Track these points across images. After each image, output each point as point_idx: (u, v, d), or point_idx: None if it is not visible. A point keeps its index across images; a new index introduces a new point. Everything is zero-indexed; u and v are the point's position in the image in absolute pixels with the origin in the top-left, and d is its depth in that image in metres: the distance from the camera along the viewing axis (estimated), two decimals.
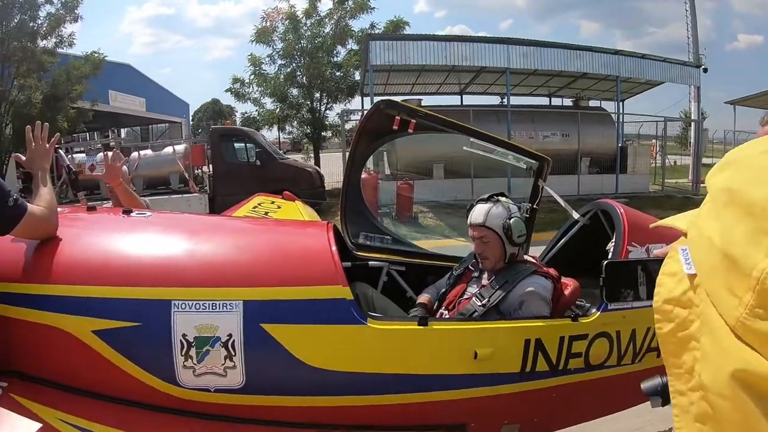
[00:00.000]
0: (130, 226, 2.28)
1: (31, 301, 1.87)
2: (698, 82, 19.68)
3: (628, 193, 17.23)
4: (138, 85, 26.92)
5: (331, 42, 20.44)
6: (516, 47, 16.34)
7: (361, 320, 2.01)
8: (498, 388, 2.22)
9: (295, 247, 2.33)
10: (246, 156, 15.18)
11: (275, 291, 1.96)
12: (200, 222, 2.76)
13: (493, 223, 2.59)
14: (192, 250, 2.11)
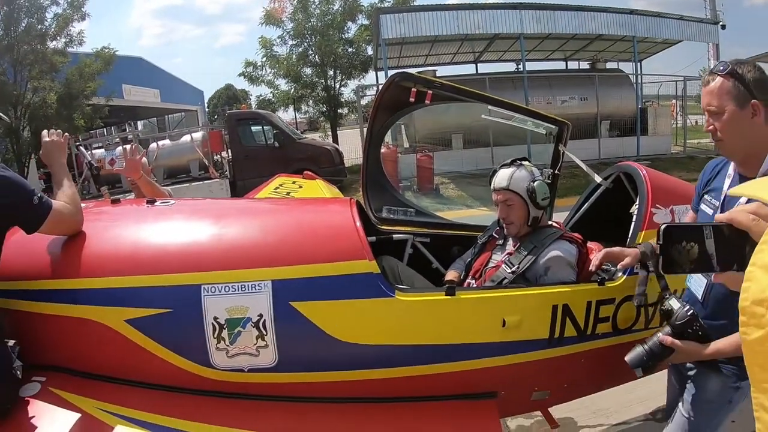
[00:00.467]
0: (155, 215, 2.32)
1: (63, 296, 1.92)
2: (717, 39, 19.10)
3: (650, 155, 16.94)
4: (151, 77, 27.06)
5: (341, 19, 20.26)
6: (529, 12, 16.00)
7: (389, 293, 2.02)
8: (527, 355, 2.22)
9: (319, 225, 2.34)
10: (264, 138, 15.26)
11: (302, 269, 1.97)
12: (223, 206, 2.80)
13: (517, 186, 2.57)
14: (218, 234, 2.13)
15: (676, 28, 18.38)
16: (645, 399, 3.50)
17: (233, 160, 15.08)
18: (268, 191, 4.25)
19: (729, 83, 1.76)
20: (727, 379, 1.91)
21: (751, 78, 1.75)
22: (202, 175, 14.68)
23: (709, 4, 20.28)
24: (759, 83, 1.75)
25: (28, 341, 1.87)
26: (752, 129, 1.77)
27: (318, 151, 15.71)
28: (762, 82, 1.76)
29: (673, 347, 1.88)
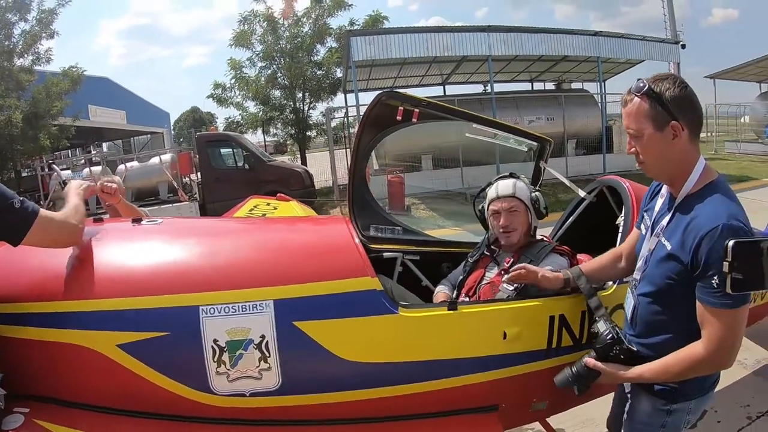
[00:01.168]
0: (144, 234, 2.23)
1: (49, 319, 1.82)
2: (678, 59, 19.81)
3: (616, 172, 17.25)
4: (117, 98, 26.68)
5: (310, 41, 20.33)
6: (496, 34, 16.32)
7: (393, 309, 2.00)
8: (527, 366, 2.23)
9: (319, 243, 2.31)
10: (234, 161, 15.18)
11: (305, 288, 1.93)
12: (215, 225, 2.72)
13: (522, 194, 2.66)
14: (214, 253, 2.08)
15: (639, 49, 18.96)
16: None
17: (203, 183, 14.92)
18: (243, 213, 4.20)
19: (646, 104, 1.69)
20: (656, 401, 1.90)
21: (669, 97, 1.66)
22: (171, 198, 14.43)
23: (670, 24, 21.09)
24: (679, 102, 1.66)
25: (10, 369, 1.77)
26: (674, 150, 1.71)
27: (288, 174, 15.67)
28: (682, 100, 1.67)
29: (597, 369, 1.90)
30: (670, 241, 1.73)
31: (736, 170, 18.13)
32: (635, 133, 1.74)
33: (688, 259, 1.64)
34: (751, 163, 20.34)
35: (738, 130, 27.61)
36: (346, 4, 20.35)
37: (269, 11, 20.39)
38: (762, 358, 4.40)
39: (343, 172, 16.72)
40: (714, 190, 1.70)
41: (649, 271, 1.84)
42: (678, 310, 1.76)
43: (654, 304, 1.84)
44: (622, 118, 1.80)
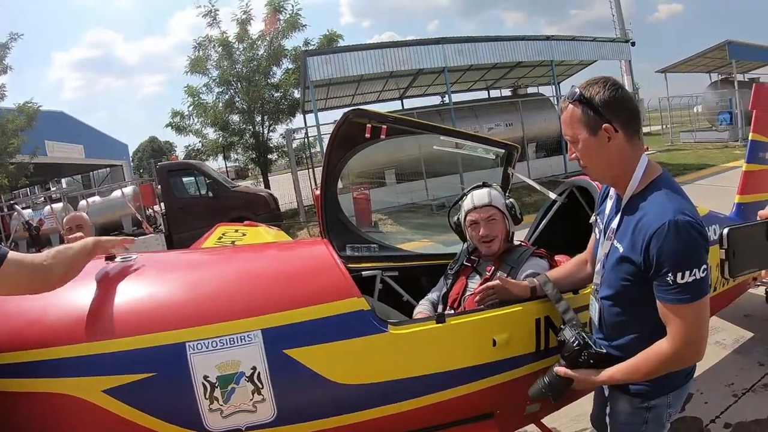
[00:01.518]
0: (120, 271, 2.13)
1: (28, 369, 1.72)
2: (629, 56, 20.52)
3: (577, 172, 17.55)
4: (74, 132, 25.95)
5: (266, 64, 20.24)
6: (451, 45, 16.55)
7: (382, 328, 1.99)
8: (518, 371, 2.25)
9: (301, 267, 2.27)
10: (197, 189, 14.98)
11: (292, 314, 1.89)
12: (194, 256, 2.65)
13: (498, 202, 2.72)
14: (196, 286, 2.03)
15: (591, 50, 19.53)
16: None
17: (167, 214, 14.67)
18: (212, 242, 4.13)
19: (578, 110, 1.72)
20: (633, 400, 1.91)
21: (599, 100, 1.69)
22: (136, 231, 14.12)
23: (618, 23, 21.78)
24: (609, 104, 1.69)
25: None
26: (611, 153, 1.73)
27: (253, 198, 15.58)
28: (612, 102, 1.69)
29: (568, 377, 1.91)
30: (621, 243, 1.75)
31: (693, 159, 18.74)
32: (571, 139, 1.78)
33: (640, 260, 1.66)
34: (707, 151, 21.05)
35: (692, 120, 28.49)
36: (300, 25, 20.34)
37: (224, 36, 20.24)
38: (739, 336, 4.54)
39: (307, 192, 16.66)
40: (658, 187, 1.72)
41: (606, 275, 1.86)
42: (639, 310, 1.78)
43: (616, 306, 1.85)
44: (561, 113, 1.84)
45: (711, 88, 26.67)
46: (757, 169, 4.28)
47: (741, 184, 4.20)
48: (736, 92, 22.84)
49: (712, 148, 21.93)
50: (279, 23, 20.22)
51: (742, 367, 4.06)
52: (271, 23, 20.15)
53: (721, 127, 24.46)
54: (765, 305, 4.91)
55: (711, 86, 26.86)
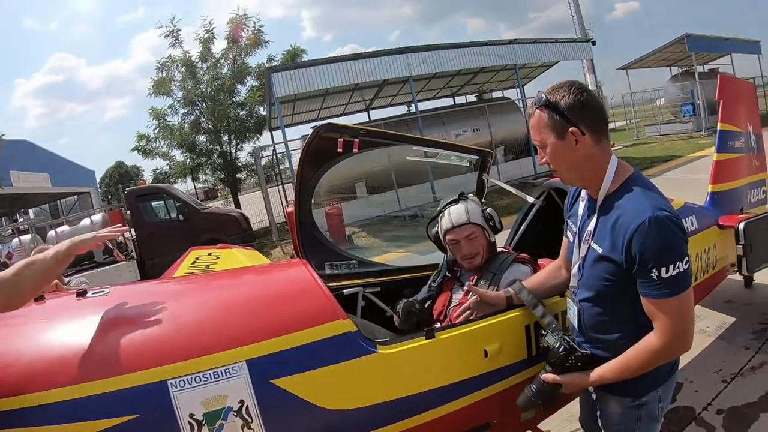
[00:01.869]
0: (93, 308, 2.00)
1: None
2: (590, 55, 20.93)
3: (546, 172, 17.86)
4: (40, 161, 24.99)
5: (230, 82, 20.09)
6: (415, 54, 16.65)
7: (372, 349, 1.93)
8: (512, 379, 2.22)
9: (282, 292, 2.19)
10: (167, 213, 14.68)
11: (277, 342, 1.81)
12: (169, 287, 2.52)
13: (476, 217, 2.67)
14: (174, 320, 1.91)
15: (553, 51, 19.94)
16: None
17: (138, 240, 14.27)
18: (185, 267, 4.03)
19: (545, 115, 1.73)
20: (623, 400, 1.90)
21: (565, 105, 1.69)
22: (108, 260, 13.72)
23: (578, 24, 22.20)
24: (574, 108, 1.70)
25: None
26: (579, 156, 1.74)
27: (224, 219, 15.35)
28: (577, 105, 1.70)
29: (557, 383, 1.90)
30: (600, 244, 1.76)
31: (660, 151, 19.17)
32: (540, 144, 1.79)
33: (621, 258, 1.67)
34: (672, 143, 21.60)
35: (655, 114, 29.19)
36: (263, 42, 20.27)
37: (187, 56, 20.04)
38: (722, 323, 4.59)
39: (278, 210, 16.51)
40: (632, 186, 1.73)
41: (585, 278, 1.86)
42: (621, 309, 1.78)
43: (597, 307, 1.85)
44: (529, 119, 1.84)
45: (672, 81, 27.41)
46: (728, 158, 4.36)
47: (713, 174, 4.26)
48: (697, 84, 23.52)
49: (677, 139, 22.49)
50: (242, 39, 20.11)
51: (728, 352, 4.10)
52: (236, 30, 19.98)
53: (684, 118, 25.14)
54: (744, 290, 5.01)
55: (672, 79, 27.60)
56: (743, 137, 4.52)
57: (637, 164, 15.59)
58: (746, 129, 4.58)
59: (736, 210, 4.33)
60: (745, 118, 4.58)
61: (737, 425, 3.21)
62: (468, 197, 2.79)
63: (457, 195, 2.81)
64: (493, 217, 2.71)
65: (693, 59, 24.44)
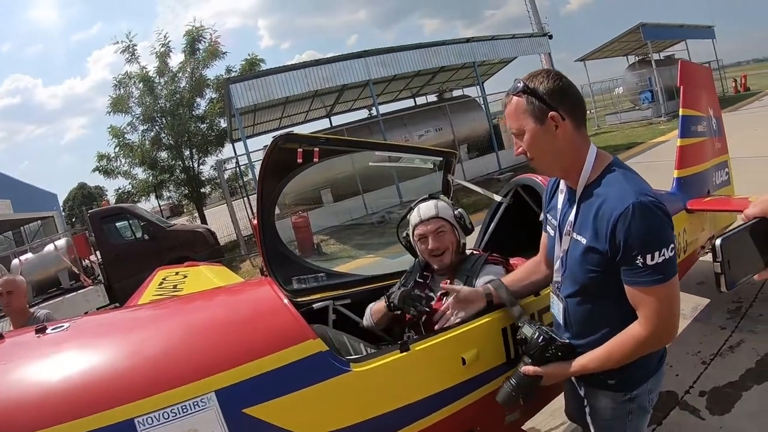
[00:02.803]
0: (54, 346, 1.90)
1: None
2: (548, 49, 21.22)
3: (511, 166, 18.08)
4: None
5: (189, 96, 19.72)
6: (373, 57, 16.64)
7: (344, 368, 1.86)
8: (492, 384, 2.18)
9: (248, 315, 2.09)
10: (132, 233, 14.27)
11: (246, 369, 1.73)
12: (132, 317, 2.40)
13: (445, 213, 2.64)
14: (138, 352, 1.81)
15: (511, 47, 20.15)
16: None
17: (104, 262, 13.88)
18: (153, 289, 3.92)
19: (523, 101, 1.70)
20: (615, 395, 1.87)
21: (544, 90, 1.67)
22: (75, 285, 13.30)
23: (534, 19, 22.53)
24: (554, 93, 1.67)
25: None
26: (559, 141, 1.70)
27: (191, 236, 15.01)
28: (557, 91, 1.68)
29: (537, 375, 1.87)
30: (583, 234, 1.71)
31: (622, 139, 19.60)
32: (518, 131, 1.74)
33: (606, 247, 1.62)
34: (633, 130, 22.11)
35: (614, 103, 29.82)
36: (221, 53, 19.99)
37: (144, 71, 19.61)
38: (697, 304, 4.68)
39: (245, 223, 16.29)
40: (613, 173, 1.70)
41: (569, 271, 1.81)
42: (607, 302, 1.75)
43: (583, 301, 1.81)
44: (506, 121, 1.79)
45: (630, 69, 28.09)
46: (691, 143, 4.43)
47: (678, 159, 4.32)
48: (654, 71, 24.07)
49: (637, 126, 23.03)
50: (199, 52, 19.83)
51: (705, 333, 4.16)
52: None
53: (643, 105, 25.79)
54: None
55: (629, 68, 28.29)
56: (705, 121, 4.60)
57: None
58: (707, 113, 4.67)
59: (702, 193, 4.41)
60: (705, 102, 4.67)
61: (721, 405, 3.24)
62: (438, 197, 2.77)
63: (428, 195, 2.79)
64: (463, 216, 2.69)
65: (649, 47, 25.01)
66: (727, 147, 5.08)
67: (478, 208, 9.78)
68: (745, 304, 4.43)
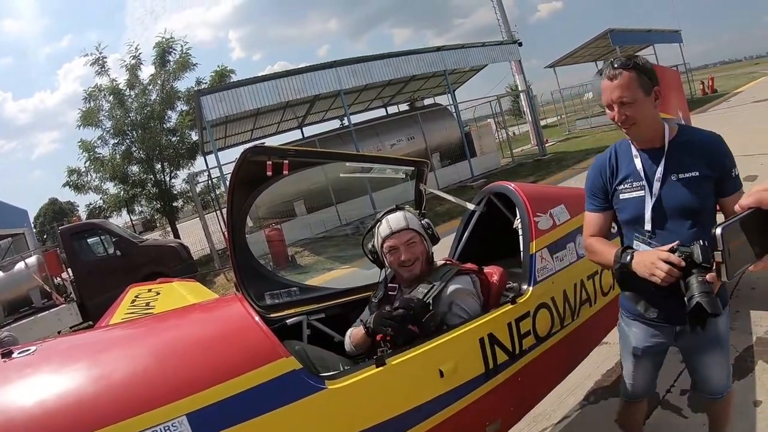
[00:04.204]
0: (19, 371, 1.79)
1: None
2: (518, 56, 21.48)
3: (484, 173, 18.20)
4: None
5: (160, 109, 19.44)
6: (344, 67, 16.62)
7: (319, 386, 1.82)
8: (471, 396, 2.17)
9: (218, 334, 2.02)
10: (104, 249, 13.96)
11: (218, 390, 1.66)
12: (100, 338, 2.30)
13: (414, 224, 2.64)
14: (105, 377, 1.73)
15: (481, 55, 20.34)
16: (573, 389, 3.64)
17: (76, 280, 13.53)
18: (125, 307, 3.82)
19: (634, 75, 1.98)
20: (725, 310, 2.17)
21: (648, 68, 2.01)
22: (47, 304, 12.93)
23: (504, 27, 22.82)
24: (654, 73, 2.03)
25: None
26: (655, 111, 2.05)
27: (163, 251, 14.74)
28: (654, 72, 2.04)
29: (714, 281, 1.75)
30: (691, 171, 2.02)
31: (593, 143, 19.83)
32: (630, 100, 2.01)
33: (715, 172, 1.99)
34: (604, 134, 22.51)
35: (585, 108, 30.29)
36: (191, 65, 19.81)
37: (114, 84, 19.31)
38: None
39: (218, 236, 16.09)
40: (684, 127, 2.17)
41: (674, 209, 2.04)
42: (706, 221, 2.03)
43: (687, 231, 2.02)
44: (609, 91, 2.07)
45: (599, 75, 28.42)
46: None
47: None
48: None
49: (608, 130, 23.44)
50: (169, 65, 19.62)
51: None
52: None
53: None
54: None
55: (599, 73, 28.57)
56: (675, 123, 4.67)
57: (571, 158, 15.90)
58: (677, 115, 4.75)
59: None
60: (674, 104, 4.75)
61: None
62: (404, 208, 2.76)
63: (394, 206, 2.77)
64: (431, 226, 2.70)
65: (617, 52, 25.53)
66: None
67: (453, 216, 9.80)
68: None
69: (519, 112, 33.85)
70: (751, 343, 3.73)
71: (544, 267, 2.70)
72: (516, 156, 21.63)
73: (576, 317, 2.82)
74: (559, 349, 2.68)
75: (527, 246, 2.73)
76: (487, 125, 22.63)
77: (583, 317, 2.87)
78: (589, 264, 2.93)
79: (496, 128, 23.39)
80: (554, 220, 2.87)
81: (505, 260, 3.04)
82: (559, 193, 3.31)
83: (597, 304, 2.99)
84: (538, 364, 2.53)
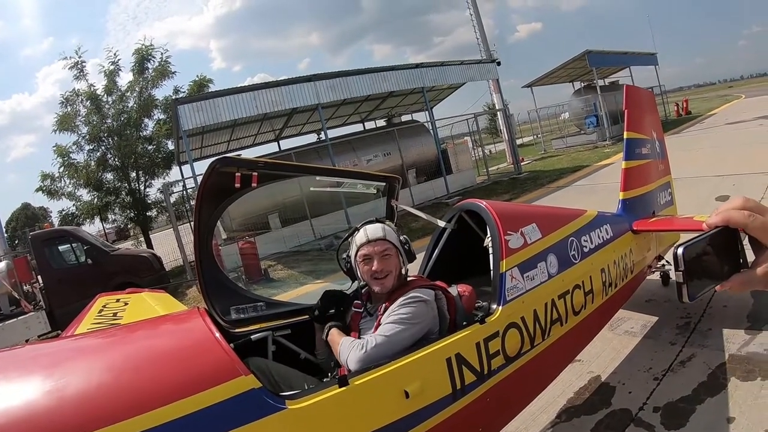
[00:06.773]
0: None
1: None
2: (496, 75, 21.71)
3: (459, 190, 18.26)
4: None
5: (137, 116, 19.19)
6: (323, 82, 16.54)
7: (279, 405, 1.75)
8: (438, 417, 2.12)
9: (177, 350, 1.95)
10: (75, 257, 13.67)
11: (174, 408, 1.59)
12: (54, 353, 2.14)
13: (392, 237, 2.62)
14: (60, 391, 1.63)
15: (459, 73, 20.45)
16: (545, 407, 3.62)
17: (46, 287, 13.18)
18: (92, 316, 3.71)
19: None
20: None
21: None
22: (15, 311, 12.56)
23: (483, 46, 23.10)
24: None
25: None
26: None
27: (135, 261, 14.53)
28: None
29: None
30: None
31: (568, 163, 20.10)
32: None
33: None
34: (579, 154, 22.79)
35: (561, 127, 30.80)
36: (170, 73, 19.62)
37: (92, 89, 19.00)
38: (646, 322, 4.73)
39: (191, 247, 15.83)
40: None
41: None
42: None
43: None
44: None
45: (575, 95, 29.15)
46: (635, 165, 4.56)
47: (623, 181, 4.42)
48: (599, 96, 25.09)
49: (583, 150, 23.77)
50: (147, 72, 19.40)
51: (656, 350, 4.19)
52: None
53: (589, 129, 26.71)
54: (663, 288, 5.20)
55: (575, 93, 29.36)
56: (649, 144, 4.74)
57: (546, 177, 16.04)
58: (651, 136, 4.81)
59: (648, 214, 4.52)
60: (649, 125, 4.81)
61: (676, 420, 3.25)
62: (384, 221, 2.74)
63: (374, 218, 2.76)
64: (408, 243, 2.67)
65: (594, 74, 26.03)
66: (669, 168, 5.24)
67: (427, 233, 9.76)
68: (694, 319, 4.53)
69: (496, 131, 34.21)
70: (724, 360, 3.79)
71: (514, 286, 2.68)
72: (492, 174, 21.78)
73: (546, 337, 2.80)
74: (529, 369, 2.65)
75: (497, 265, 2.71)
76: (464, 143, 22.79)
77: (553, 337, 2.85)
78: (561, 283, 2.93)
79: (473, 146, 23.59)
80: (525, 238, 2.86)
81: (475, 279, 3.02)
82: (531, 212, 3.31)
83: (568, 323, 2.97)
84: (508, 385, 2.50)
